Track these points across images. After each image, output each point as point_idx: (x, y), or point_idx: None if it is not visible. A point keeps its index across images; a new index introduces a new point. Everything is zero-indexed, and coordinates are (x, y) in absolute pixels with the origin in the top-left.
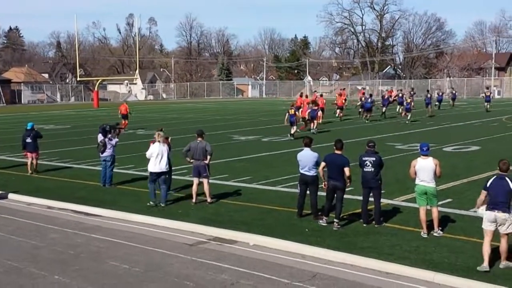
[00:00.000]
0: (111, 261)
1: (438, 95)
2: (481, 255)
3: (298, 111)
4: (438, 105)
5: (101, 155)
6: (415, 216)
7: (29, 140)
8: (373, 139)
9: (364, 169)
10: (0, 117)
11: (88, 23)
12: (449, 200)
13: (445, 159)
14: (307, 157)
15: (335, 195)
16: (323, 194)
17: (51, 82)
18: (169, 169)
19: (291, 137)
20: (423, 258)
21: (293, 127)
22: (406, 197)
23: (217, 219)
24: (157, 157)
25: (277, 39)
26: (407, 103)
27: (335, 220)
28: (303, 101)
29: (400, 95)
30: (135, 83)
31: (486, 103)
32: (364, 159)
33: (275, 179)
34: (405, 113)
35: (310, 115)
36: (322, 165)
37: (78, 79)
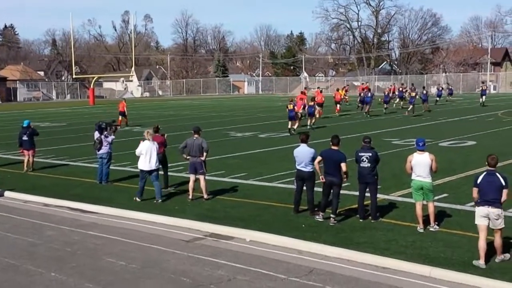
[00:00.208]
0: (107, 258)
1: (437, 90)
2: (477, 249)
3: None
4: (437, 100)
5: (97, 152)
6: (411, 211)
7: (25, 137)
8: (370, 134)
9: (360, 165)
10: None
11: (83, 20)
12: (445, 195)
13: (441, 154)
14: (303, 153)
15: (332, 191)
16: (320, 190)
17: (46, 79)
18: (159, 167)
19: (293, 131)
20: (419, 253)
21: (292, 122)
22: (402, 192)
23: (214, 215)
24: (146, 155)
25: (273, 36)
26: (412, 97)
27: (332, 215)
28: (298, 97)
29: (400, 89)
30: (131, 80)
31: (482, 97)
32: (360, 154)
33: (271, 175)
34: (411, 107)
35: (307, 111)
36: (318, 159)
37: (73, 76)
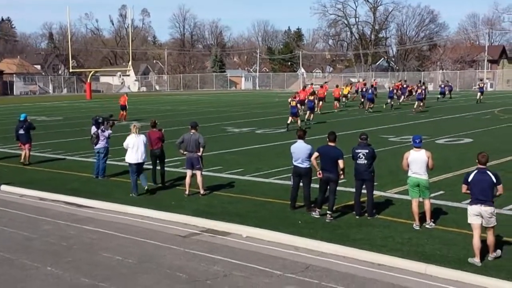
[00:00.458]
0: (103, 253)
1: (440, 87)
2: (472, 247)
3: (300, 103)
4: (442, 97)
5: (94, 147)
6: (407, 208)
7: (21, 131)
8: (366, 131)
9: (357, 161)
10: None
11: (80, 14)
12: (442, 192)
13: (438, 151)
14: (300, 149)
15: (328, 187)
16: (316, 186)
17: (43, 73)
18: (144, 162)
19: (307, 122)
20: (415, 250)
21: (295, 118)
22: (398, 189)
23: (210, 211)
24: (133, 148)
25: (271, 31)
26: (419, 93)
27: (328, 212)
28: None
29: (404, 85)
30: (128, 75)
31: (479, 94)
32: (357, 151)
33: (268, 171)
34: (417, 103)
35: (307, 106)
36: (314, 155)
37: (70, 70)
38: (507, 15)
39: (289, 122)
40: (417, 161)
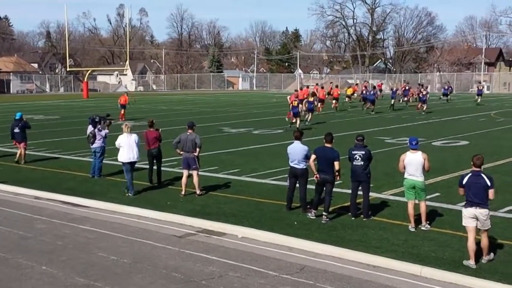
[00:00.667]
0: (99, 252)
1: (444, 89)
2: (467, 249)
3: (301, 103)
4: (440, 97)
5: (91, 146)
6: (403, 210)
7: (17, 130)
8: (363, 132)
9: (353, 163)
10: None
11: (78, 13)
12: (437, 194)
13: (434, 153)
14: (297, 150)
15: (324, 189)
16: (312, 187)
17: (40, 72)
18: (137, 161)
19: (302, 124)
20: (410, 251)
21: (295, 118)
22: (394, 191)
23: (206, 211)
24: (125, 147)
25: (268, 32)
26: (423, 95)
27: (324, 213)
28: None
29: (407, 88)
30: (125, 74)
31: (477, 97)
32: (353, 152)
33: (264, 172)
34: (421, 104)
35: (307, 107)
36: (312, 157)
37: (67, 69)
38: (505, 17)
39: (293, 121)
40: (414, 163)
